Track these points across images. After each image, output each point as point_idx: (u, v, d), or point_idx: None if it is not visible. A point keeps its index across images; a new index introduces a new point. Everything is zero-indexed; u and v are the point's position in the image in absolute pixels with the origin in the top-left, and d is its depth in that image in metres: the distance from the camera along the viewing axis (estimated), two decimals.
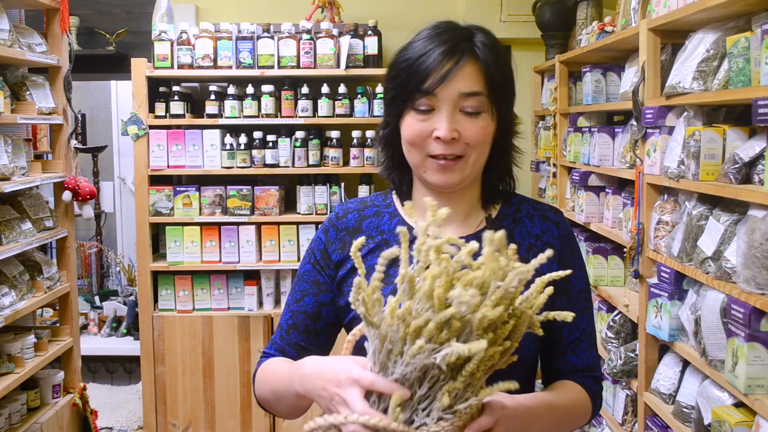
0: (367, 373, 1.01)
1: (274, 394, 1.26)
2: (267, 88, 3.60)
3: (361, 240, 1.05)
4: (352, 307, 1.00)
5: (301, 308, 1.34)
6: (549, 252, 0.99)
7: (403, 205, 1.33)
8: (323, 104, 3.61)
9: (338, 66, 3.60)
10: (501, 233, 0.95)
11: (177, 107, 3.59)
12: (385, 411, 0.97)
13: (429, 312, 0.93)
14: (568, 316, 0.99)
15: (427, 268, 0.96)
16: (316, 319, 1.34)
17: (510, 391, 1.00)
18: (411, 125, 1.22)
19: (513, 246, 0.99)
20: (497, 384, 0.96)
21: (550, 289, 0.99)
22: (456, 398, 0.95)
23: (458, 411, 0.95)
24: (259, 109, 3.61)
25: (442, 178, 1.22)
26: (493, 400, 1.02)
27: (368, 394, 1.00)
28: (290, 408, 1.23)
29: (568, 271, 1.03)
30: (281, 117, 3.63)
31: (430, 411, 0.96)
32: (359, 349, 1.14)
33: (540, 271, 1.25)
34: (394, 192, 1.36)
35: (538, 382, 1.37)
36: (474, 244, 0.96)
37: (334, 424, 0.99)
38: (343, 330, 1.36)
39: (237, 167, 3.62)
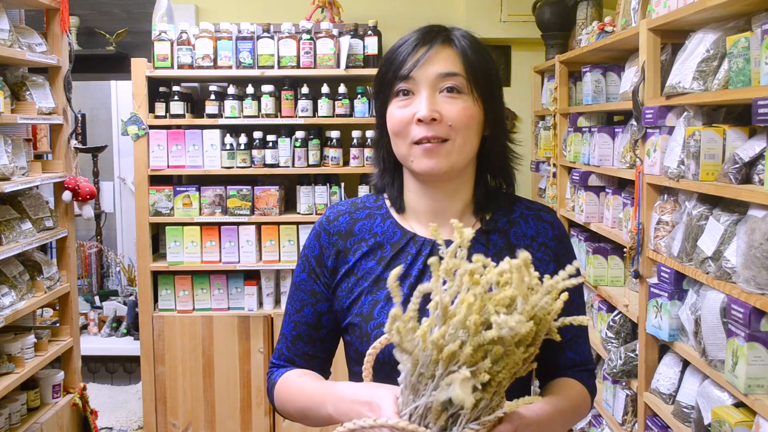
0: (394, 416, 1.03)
1: (302, 413, 1.26)
2: (267, 88, 3.60)
3: (398, 269, 1.03)
4: (387, 336, 1.01)
5: (302, 319, 1.34)
6: (577, 264, 1.02)
7: (397, 211, 1.33)
8: (323, 104, 3.61)
9: (338, 66, 3.60)
10: (526, 255, 0.96)
11: (177, 107, 3.59)
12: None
13: (463, 335, 0.95)
14: (583, 320, 1.02)
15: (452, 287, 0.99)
16: (318, 328, 1.34)
17: (513, 395, 1.02)
18: (393, 114, 1.24)
19: (528, 255, 0.99)
20: (523, 398, 1.01)
21: (565, 295, 1.00)
22: (482, 408, 0.98)
23: (482, 421, 0.98)
24: (259, 109, 3.61)
25: (429, 163, 1.21)
26: (513, 413, 1.04)
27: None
28: (320, 425, 1.24)
29: (581, 279, 1.04)
30: (281, 117, 3.63)
31: (458, 418, 0.98)
32: (379, 363, 1.19)
33: (537, 271, 1.27)
34: (386, 193, 1.36)
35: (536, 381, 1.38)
36: (503, 266, 0.98)
37: (364, 427, 1.01)
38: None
39: (237, 167, 3.62)
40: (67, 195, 3.12)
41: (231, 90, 3.62)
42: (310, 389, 1.25)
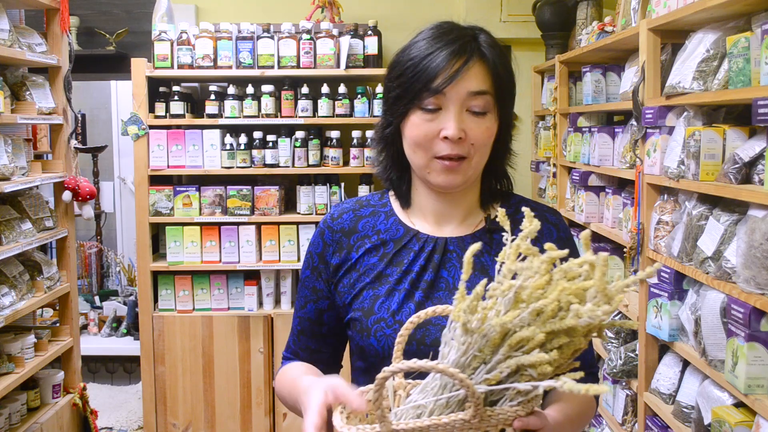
0: (346, 389, 1.01)
1: (292, 402, 1.26)
2: (267, 88, 3.60)
3: (477, 245, 1.00)
4: (451, 317, 0.98)
5: (305, 315, 1.37)
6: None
7: (402, 207, 1.33)
8: (323, 104, 3.61)
9: (338, 66, 3.60)
10: (605, 255, 0.94)
11: (177, 107, 3.59)
12: None
13: (531, 320, 0.93)
14: (633, 325, 0.97)
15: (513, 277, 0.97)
16: (320, 324, 1.36)
17: None
18: (418, 125, 1.21)
19: (607, 255, 0.96)
20: (570, 373, 0.94)
21: (621, 296, 0.96)
22: (524, 393, 0.96)
23: (523, 402, 0.95)
24: (259, 109, 3.61)
25: (447, 179, 1.22)
26: (540, 411, 1.02)
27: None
28: None
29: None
30: (281, 117, 3.63)
31: (502, 396, 0.97)
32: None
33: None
34: (390, 191, 1.36)
35: None
36: (585, 257, 0.95)
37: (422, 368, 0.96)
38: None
39: (237, 167, 3.62)
40: (67, 195, 3.12)
41: (231, 90, 3.62)
42: (292, 379, 1.27)
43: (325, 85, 3.64)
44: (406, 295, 1.25)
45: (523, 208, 1.02)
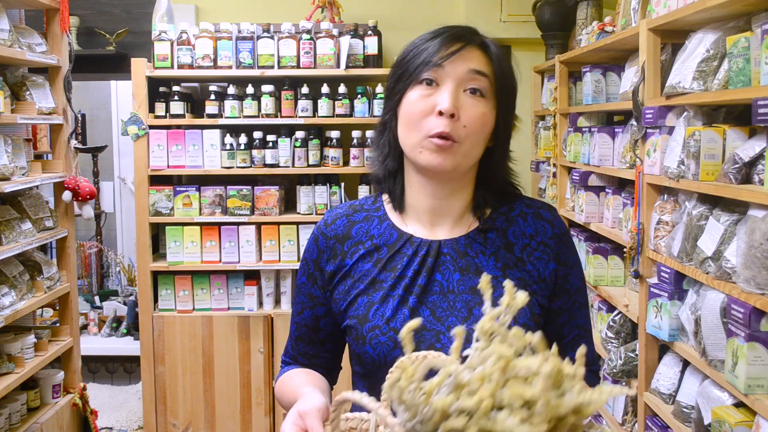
0: (313, 420, 1.02)
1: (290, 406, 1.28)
2: (267, 88, 3.60)
3: (415, 322, 0.94)
4: (384, 393, 0.93)
5: (302, 321, 1.37)
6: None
7: (395, 209, 1.32)
8: (323, 104, 3.61)
9: (338, 66, 3.60)
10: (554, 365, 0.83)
11: (177, 107, 3.59)
12: None
13: (470, 404, 0.85)
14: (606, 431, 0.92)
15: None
16: (317, 330, 1.36)
17: None
18: (414, 102, 1.21)
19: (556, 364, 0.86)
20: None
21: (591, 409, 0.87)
22: None
23: None
24: (259, 109, 3.61)
25: (436, 159, 1.20)
26: None
27: None
28: None
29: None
30: (281, 117, 3.63)
31: None
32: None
33: (536, 270, 1.26)
34: (383, 195, 1.35)
35: None
36: (537, 364, 0.84)
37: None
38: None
39: (237, 167, 3.62)
40: (67, 195, 3.12)
41: (231, 90, 3.62)
42: (292, 387, 1.29)
43: (325, 85, 3.64)
44: (400, 301, 1.24)
45: (505, 282, 0.93)
